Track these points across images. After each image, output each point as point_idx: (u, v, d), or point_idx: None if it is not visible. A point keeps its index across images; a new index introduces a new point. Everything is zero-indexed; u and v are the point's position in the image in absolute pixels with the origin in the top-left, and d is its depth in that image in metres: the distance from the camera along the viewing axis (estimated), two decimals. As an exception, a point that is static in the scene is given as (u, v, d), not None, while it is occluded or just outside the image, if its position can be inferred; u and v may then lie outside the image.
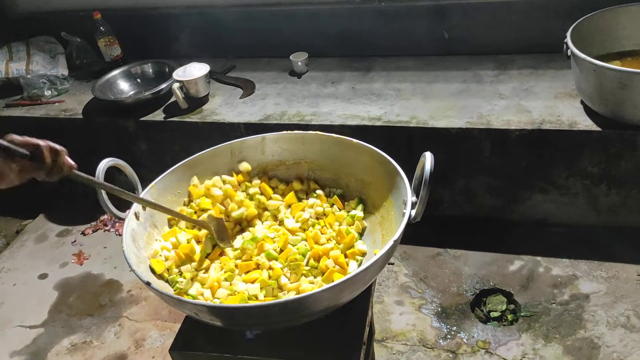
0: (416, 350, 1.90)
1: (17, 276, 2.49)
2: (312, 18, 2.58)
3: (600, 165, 2.03)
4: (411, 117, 2.16)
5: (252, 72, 2.65)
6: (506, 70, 2.35)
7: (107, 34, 2.71)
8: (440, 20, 2.42)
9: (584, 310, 1.93)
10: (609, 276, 2.03)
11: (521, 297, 2.01)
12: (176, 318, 2.15)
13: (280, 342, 1.29)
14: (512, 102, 2.15)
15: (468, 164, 2.18)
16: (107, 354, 2.07)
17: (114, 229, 2.66)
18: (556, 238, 2.21)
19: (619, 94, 1.80)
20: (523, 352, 1.83)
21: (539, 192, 2.18)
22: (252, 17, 2.65)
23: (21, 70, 2.74)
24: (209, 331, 1.31)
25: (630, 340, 1.81)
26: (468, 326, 1.95)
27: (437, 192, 2.27)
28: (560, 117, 2.02)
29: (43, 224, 2.78)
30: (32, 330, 2.21)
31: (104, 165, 1.29)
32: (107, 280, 2.40)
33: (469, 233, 2.30)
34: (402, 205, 1.26)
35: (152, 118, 2.43)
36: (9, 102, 2.73)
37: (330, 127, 2.18)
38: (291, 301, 1.08)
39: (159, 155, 2.50)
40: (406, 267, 2.22)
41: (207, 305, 1.14)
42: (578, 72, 1.91)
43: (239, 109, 2.38)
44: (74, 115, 2.56)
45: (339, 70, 2.57)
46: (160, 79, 2.55)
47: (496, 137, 2.06)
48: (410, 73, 2.45)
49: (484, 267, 2.16)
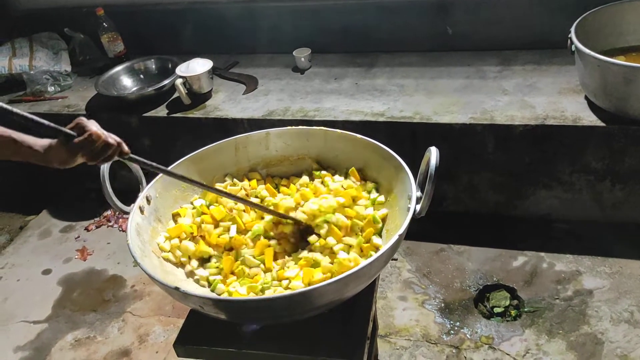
0: (419, 345, 1.90)
1: (20, 272, 2.50)
2: (315, 14, 2.57)
3: (604, 160, 2.02)
4: (414, 112, 2.16)
5: (255, 68, 2.65)
6: (510, 66, 2.34)
7: (110, 30, 2.71)
8: (444, 15, 2.41)
9: (587, 305, 1.93)
10: (613, 272, 2.03)
11: (525, 293, 2.01)
12: (179, 313, 2.15)
13: (284, 337, 1.29)
14: (516, 98, 2.14)
15: (471, 160, 2.17)
16: (111, 349, 2.08)
17: (117, 224, 2.67)
18: (560, 234, 2.21)
19: (623, 89, 1.79)
20: (526, 348, 1.83)
21: (543, 187, 2.17)
22: (255, 13, 2.65)
23: (24, 67, 2.74)
24: (213, 326, 1.31)
25: (634, 335, 1.81)
26: (471, 322, 1.95)
27: (441, 188, 2.27)
28: (564, 113, 2.02)
29: (47, 220, 2.78)
30: (36, 325, 2.22)
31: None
32: (110, 275, 2.40)
33: (472, 229, 2.30)
34: (407, 201, 1.26)
35: (156, 114, 2.43)
36: (12, 98, 2.73)
37: (334, 122, 2.18)
38: (296, 295, 1.08)
39: (162, 150, 2.50)
40: (410, 262, 2.22)
41: (212, 298, 1.15)
42: (582, 68, 1.90)
43: (242, 105, 2.38)
44: (77, 111, 2.56)
45: (342, 66, 2.56)
46: (163, 75, 2.55)
47: (500, 133, 2.05)
48: (414, 69, 2.44)
49: (487, 262, 2.16)
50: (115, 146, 1.12)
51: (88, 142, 1.07)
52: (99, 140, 1.08)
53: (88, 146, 1.07)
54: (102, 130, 1.10)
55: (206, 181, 1.54)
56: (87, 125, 1.08)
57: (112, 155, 1.12)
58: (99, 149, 1.09)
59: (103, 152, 1.10)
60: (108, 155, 1.11)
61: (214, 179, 1.56)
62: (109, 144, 1.10)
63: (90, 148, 1.08)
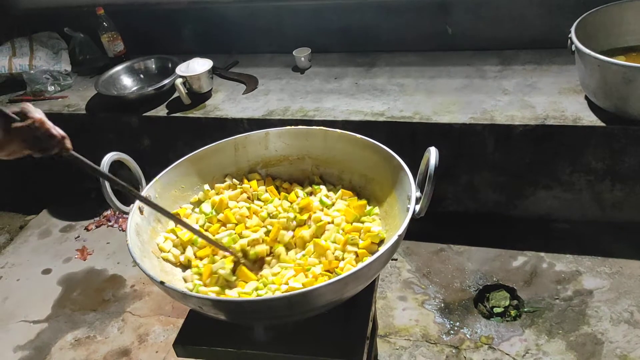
0: (419, 345, 1.90)
1: (20, 271, 2.50)
2: (315, 13, 2.57)
3: (605, 160, 2.02)
4: (414, 112, 2.15)
5: (255, 68, 2.65)
6: (510, 66, 2.34)
7: (110, 30, 2.71)
8: (444, 15, 2.41)
9: (587, 306, 1.93)
10: (613, 272, 2.03)
11: (524, 293, 2.01)
12: (179, 313, 2.15)
13: (284, 337, 1.29)
14: (516, 98, 2.14)
15: (471, 160, 2.17)
16: (111, 348, 2.08)
17: (117, 224, 2.67)
18: (560, 234, 2.21)
19: (623, 89, 1.79)
20: (526, 348, 1.83)
21: (543, 188, 2.17)
22: (255, 12, 2.65)
23: (24, 66, 2.74)
24: (213, 326, 1.31)
25: (633, 336, 1.81)
26: (471, 322, 1.95)
27: (441, 188, 2.26)
28: (564, 113, 2.02)
29: (47, 220, 2.78)
30: (36, 325, 2.22)
31: (108, 158, 1.29)
32: (110, 275, 2.40)
33: (472, 229, 2.30)
34: (406, 201, 1.26)
35: (155, 113, 2.43)
36: (12, 98, 2.73)
37: (334, 122, 2.18)
38: (295, 295, 1.08)
39: (162, 150, 2.50)
40: (409, 262, 2.22)
41: (211, 299, 1.14)
42: (582, 68, 1.90)
43: (242, 105, 2.38)
44: (77, 110, 2.56)
45: (342, 65, 2.56)
46: (163, 74, 2.55)
47: (500, 133, 2.05)
48: (414, 68, 2.44)
49: (487, 262, 2.16)
50: (59, 138, 1.07)
51: (29, 129, 1.02)
52: (42, 128, 1.04)
53: (29, 132, 1.03)
54: (47, 120, 1.05)
55: (206, 181, 1.54)
56: (31, 112, 1.03)
57: (52, 147, 1.07)
58: (40, 137, 1.04)
59: (44, 142, 1.05)
60: (49, 146, 1.06)
61: (213, 178, 1.56)
62: (52, 134, 1.06)
63: (31, 135, 1.03)
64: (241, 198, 1.51)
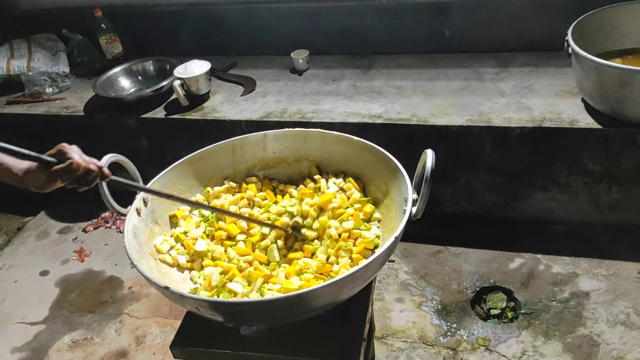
0: (416, 347, 1.90)
1: (18, 273, 2.50)
2: (313, 15, 2.58)
3: (601, 163, 2.03)
4: (412, 114, 2.16)
5: (253, 70, 2.65)
6: (507, 68, 2.35)
7: (108, 32, 2.71)
8: (441, 17, 2.42)
9: (584, 307, 1.93)
10: (609, 274, 2.04)
11: (521, 295, 2.02)
12: (177, 315, 2.15)
13: (281, 339, 1.30)
14: (513, 100, 2.15)
15: (469, 162, 2.18)
16: (108, 350, 2.08)
17: (115, 226, 2.67)
18: (557, 236, 2.21)
19: (619, 91, 1.80)
20: (523, 350, 1.83)
21: (540, 189, 2.18)
22: (253, 14, 2.65)
23: (22, 68, 2.74)
24: (210, 327, 1.32)
25: (630, 337, 1.81)
26: (468, 323, 1.96)
27: (438, 189, 2.27)
28: (561, 115, 2.03)
29: (44, 221, 2.78)
30: (33, 326, 2.22)
31: (106, 160, 1.30)
32: (108, 277, 2.40)
33: (469, 231, 2.30)
34: (403, 203, 1.26)
35: (153, 115, 2.44)
36: (10, 99, 2.73)
37: (331, 124, 2.18)
38: (292, 297, 1.08)
39: (159, 152, 2.51)
40: (406, 264, 2.22)
41: (207, 301, 1.15)
42: (579, 70, 1.91)
43: (240, 107, 2.38)
44: (75, 112, 2.56)
45: (340, 67, 2.57)
46: (161, 76, 2.55)
47: (497, 135, 2.06)
48: (411, 70, 2.45)
49: (484, 264, 2.16)
50: (97, 172, 1.11)
51: (68, 170, 1.06)
52: (80, 169, 1.07)
53: (68, 174, 1.07)
54: (83, 157, 1.09)
55: (204, 183, 1.55)
56: (68, 152, 1.07)
57: (92, 180, 1.11)
58: (80, 176, 1.08)
59: (84, 179, 1.09)
60: (90, 180, 1.10)
61: (211, 180, 1.56)
62: (90, 170, 1.09)
63: (70, 176, 1.07)
64: (242, 204, 1.51)
